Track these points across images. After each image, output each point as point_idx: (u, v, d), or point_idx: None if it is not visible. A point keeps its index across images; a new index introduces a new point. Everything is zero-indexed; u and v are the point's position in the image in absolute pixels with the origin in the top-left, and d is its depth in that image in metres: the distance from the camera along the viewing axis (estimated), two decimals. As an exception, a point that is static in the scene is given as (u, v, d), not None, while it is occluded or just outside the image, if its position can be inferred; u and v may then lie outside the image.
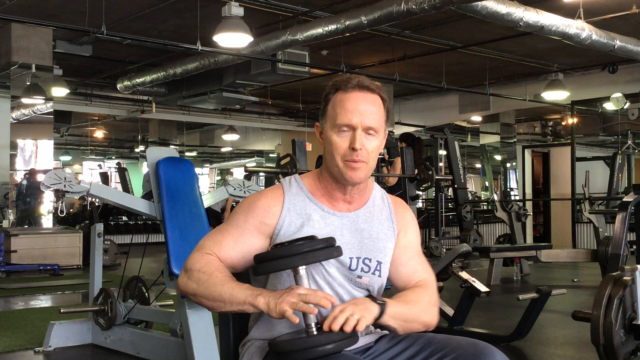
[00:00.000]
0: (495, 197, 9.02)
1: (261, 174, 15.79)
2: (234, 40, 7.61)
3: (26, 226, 9.48)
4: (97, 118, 15.76)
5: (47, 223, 9.66)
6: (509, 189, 15.08)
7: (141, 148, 17.86)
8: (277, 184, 1.78)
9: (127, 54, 10.82)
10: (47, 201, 9.43)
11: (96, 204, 9.75)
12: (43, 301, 6.42)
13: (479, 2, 6.73)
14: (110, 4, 8.02)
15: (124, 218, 14.62)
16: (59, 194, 3.69)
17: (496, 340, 4.10)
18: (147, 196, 3.85)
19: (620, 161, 12.29)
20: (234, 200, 7.85)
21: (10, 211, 9.63)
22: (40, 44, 9.51)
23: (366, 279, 1.68)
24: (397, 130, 13.61)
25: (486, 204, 14.24)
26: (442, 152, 12.31)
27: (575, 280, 7.60)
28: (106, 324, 4.03)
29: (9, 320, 5.21)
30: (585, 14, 7.84)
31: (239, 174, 18.91)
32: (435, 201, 11.46)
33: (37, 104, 9.71)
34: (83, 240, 8.99)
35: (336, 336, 1.46)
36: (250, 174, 8.18)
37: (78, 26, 8.23)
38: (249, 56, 9.25)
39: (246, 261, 1.66)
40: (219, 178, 21.12)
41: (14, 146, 9.74)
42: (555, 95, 11.85)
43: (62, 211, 3.84)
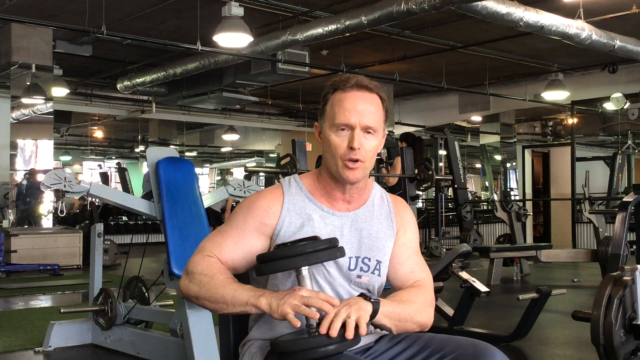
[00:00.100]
0: (495, 197, 9.02)
1: (261, 174, 15.77)
2: (234, 40, 7.61)
3: (26, 226, 9.47)
4: (97, 118, 15.75)
5: (47, 223, 9.65)
6: (509, 189, 15.07)
7: (141, 148, 17.86)
8: (276, 184, 1.78)
9: (127, 54, 10.82)
10: (47, 201, 9.42)
11: (96, 204, 9.74)
12: (43, 301, 6.42)
13: (479, 2, 6.72)
14: (110, 4, 8.02)
15: (124, 218, 14.62)
16: (59, 194, 3.70)
17: (496, 340, 4.09)
18: (147, 196, 3.85)
19: (620, 161, 12.27)
20: (234, 200, 7.85)
21: (10, 211, 9.63)
22: (40, 44, 9.51)
23: (366, 278, 1.68)
24: (397, 130, 13.61)
25: (486, 204, 14.25)
26: (442, 152, 12.31)
27: (575, 280, 7.60)
28: (106, 324, 4.03)
29: (9, 320, 5.21)
30: (585, 14, 7.84)
31: (239, 174, 18.90)
32: (435, 201, 11.47)
33: (37, 104, 9.71)
34: (83, 240, 8.99)
35: (339, 336, 1.46)
36: (250, 174, 8.16)
37: (78, 26, 8.23)
38: (249, 56, 9.24)
39: (247, 262, 1.66)
40: (219, 178, 21.10)
41: (14, 146, 9.74)
42: (555, 95, 11.85)
43: (62, 211, 3.85)
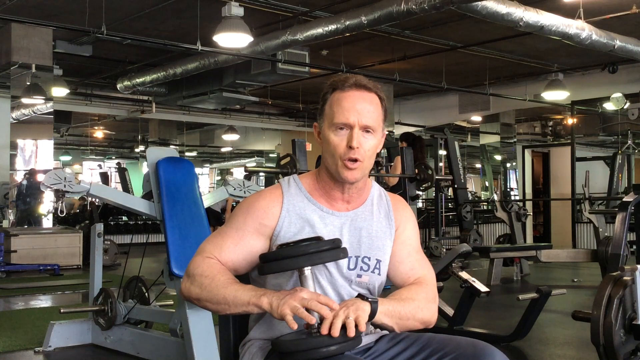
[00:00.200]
0: (495, 197, 9.03)
1: (261, 174, 15.77)
2: (234, 40, 7.61)
3: (26, 226, 9.47)
4: (97, 118, 15.75)
5: (47, 223, 9.65)
6: (509, 189, 15.07)
7: (141, 148, 17.85)
8: (275, 184, 1.77)
9: (127, 54, 10.82)
10: (47, 201, 9.41)
11: (96, 204, 9.74)
12: (43, 301, 6.42)
13: (479, 2, 6.72)
14: (110, 4, 8.02)
15: (124, 218, 14.61)
16: (59, 194, 3.70)
17: (496, 340, 4.09)
18: (147, 196, 3.85)
19: (620, 161, 12.26)
20: (234, 201, 7.84)
21: (10, 211, 9.63)
22: (40, 44, 9.51)
23: (366, 277, 1.68)
24: (397, 130, 13.61)
25: (486, 204, 14.25)
26: (442, 152, 12.30)
27: (575, 280, 7.60)
28: (106, 324, 4.03)
29: (9, 320, 5.21)
30: (585, 14, 7.83)
31: (239, 174, 18.89)
32: (435, 201, 11.46)
33: (37, 104, 9.71)
34: (83, 240, 8.99)
35: (340, 337, 1.46)
36: (250, 174, 8.16)
37: (78, 26, 8.23)
38: (249, 56, 9.24)
39: (248, 263, 1.66)
40: (219, 178, 21.09)
41: (14, 146, 9.74)
42: (555, 95, 11.84)
43: (62, 211, 3.84)
